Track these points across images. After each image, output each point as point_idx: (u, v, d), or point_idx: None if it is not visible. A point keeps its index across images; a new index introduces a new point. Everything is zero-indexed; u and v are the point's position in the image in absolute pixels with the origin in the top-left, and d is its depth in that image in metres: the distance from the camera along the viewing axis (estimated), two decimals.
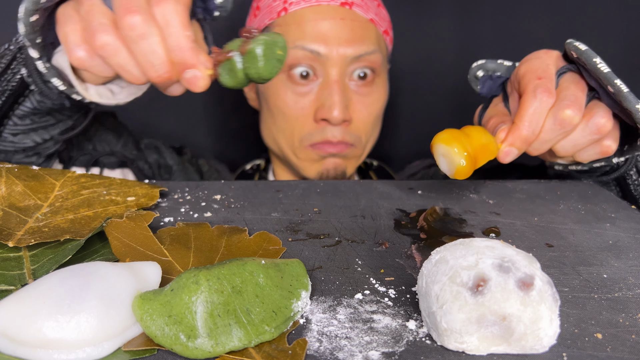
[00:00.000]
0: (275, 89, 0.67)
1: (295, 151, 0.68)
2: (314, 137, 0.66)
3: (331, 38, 0.64)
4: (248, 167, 0.82)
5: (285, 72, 0.66)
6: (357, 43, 0.65)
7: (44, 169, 0.47)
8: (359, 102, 0.67)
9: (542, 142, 0.44)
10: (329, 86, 0.64)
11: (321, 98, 0.65)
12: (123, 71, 0.40)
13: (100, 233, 0.38)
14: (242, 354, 0.27)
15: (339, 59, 0.64)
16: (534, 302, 0.26)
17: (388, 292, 0.33)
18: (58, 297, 0.27)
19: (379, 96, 0.69)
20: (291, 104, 0.66)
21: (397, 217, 0.44)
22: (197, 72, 0.39)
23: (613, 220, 0.44)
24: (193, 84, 0.39)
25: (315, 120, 0.65)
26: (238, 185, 0.50)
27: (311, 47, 0.64)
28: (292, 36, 0.65)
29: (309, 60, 0.64)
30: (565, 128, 0.43)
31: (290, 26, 0.66)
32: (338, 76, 0.65)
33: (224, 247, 0.37)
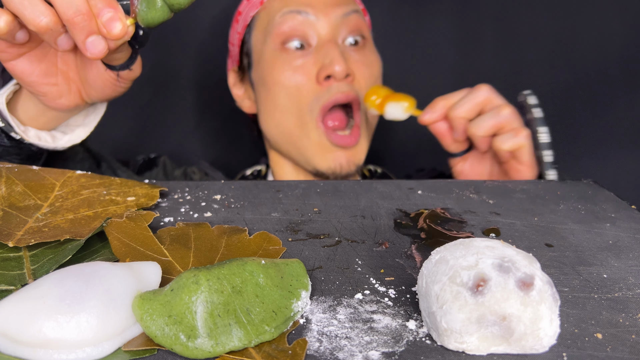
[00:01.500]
0: (272, 66, 0.67)
1: (306, 130, 0.66)
2: (322, 99, 0.65)
3: (317, 3, 0.65)
4: (248, 172, 0.82)
5: (278, 47, 0.66)
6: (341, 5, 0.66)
7: (44, 169, 0.47)
8: (357, 62, 0.67)
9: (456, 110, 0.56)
10: (324, 46, 0.65)
11: (319, 59, 0.65)
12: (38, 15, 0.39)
13: (100, 233, 0.38)
14: (242, 354, 0.27)
15: (328, 21, 0.65)
16: (534, 302, 0.26)
17: (388, 292, 0.33)
18: (58, 297, 0.27)
19: (374, 59, 0.70)
20: (290, 73, 0.65)
21: (397, 217, 0.44)
22: (113, 13, 0.39)
23: (613, 220, 0.44)
24: (111, 24, 0.39)
25: (319, 82, 0.65)
26: (238, 185, 0.50)
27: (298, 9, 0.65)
28: (277, 8, 0.66)
29: (300, 29, 0.65)
30: (475, 93, 0.55)
31: (274, 3, 0.67)
32: (330, 36, 0.66)
33: (224, 247, 0.37)
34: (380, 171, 0.84)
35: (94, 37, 0.40)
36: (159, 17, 0.40)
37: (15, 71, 0.45)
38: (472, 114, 0.56)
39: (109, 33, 0.39)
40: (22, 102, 0.51)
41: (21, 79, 0.46)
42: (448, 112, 0.57)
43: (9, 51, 0.44)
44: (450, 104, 0.57)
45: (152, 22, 0.40)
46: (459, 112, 0.56)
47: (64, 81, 0.48)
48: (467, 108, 0.56)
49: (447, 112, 0.57)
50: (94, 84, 0.48)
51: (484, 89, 0.56)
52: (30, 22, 0.39)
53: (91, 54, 0.40)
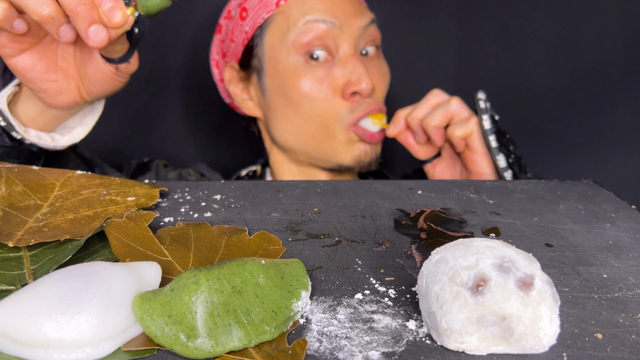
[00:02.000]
0: (295, 76, 0.66)
1: (334, 133, 0.67)
2: (354, 113, 0.66)
3: (339, 12, 0.65)
4: (243, 173, 0.81)
5: (302, 56, 0.65)
6: (361, 16, 0.67)
7: (44, 169, 0.47)
8: (375, 75, 0.68)
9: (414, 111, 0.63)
10: (348, 61, 0.65)
11: (345, 74, 0.65)
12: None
13: (100, 233, 0.38)
14: (242, 354, 0.27)
15: (351, 32, 0.65)
16: (534, 302, 0.26)
17: (388, 292, 0.33)
18: (58, 297, 0.27)
19: (386, 70, 0.71)
20: (316, 86, 0.65)
21: (397, 217, 0.44)
22: (114, 3, 0.41)
23: (613, 220, 0.44)
24: (112, 13, 0.41)
25: (345, 97, 0.65)
26: (238, 185, 0.50)
27: (323, 18, 0.64)
28: (299, 15, 0.65)
29: (323, 38, 0.64)
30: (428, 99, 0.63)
31: (293, 8, 0.66)
32: (353, 49, 0.66)
33: (224, 247, 0.37)
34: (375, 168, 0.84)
35: (95, 26, 0.41)
36: (158, 4, 0.42)
37: (17, 67, 0.46)
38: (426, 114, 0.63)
39: (110, 21, 0.41)
40: (22, 103, 0.51)
41: (23, 75, 0.47)
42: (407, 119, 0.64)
43: (11, 46, 0.45)
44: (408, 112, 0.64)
45: (152, 10, 0.42)
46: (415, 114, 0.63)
47: (64, 78, 0.48)
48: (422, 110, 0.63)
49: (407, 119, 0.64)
50: (94, 78, 0.49)
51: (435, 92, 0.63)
52: (33, 12, 0.40)
53: (93, 42, 0.41)
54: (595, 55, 0.89)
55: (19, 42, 0.45)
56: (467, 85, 0.91)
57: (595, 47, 0.90)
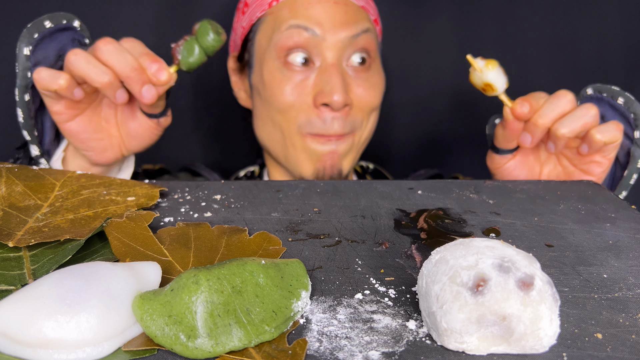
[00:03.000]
0: (272, 79, 0.65)
1: (293, 140, 0.66)
2: (314, 127, 0.64)
3: (326, 21, 0.63)
4: (242, 173, 0.82)
5: (281, 60, 0.65)
6: (351, 25, 0.64)
7: (44, 169, 0.47)
8: (358, 86, 0.65)
9: (545, 111, 0.53)
10: (327, 70, 0.63)
11: (320, 83, 0.63)
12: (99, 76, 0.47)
13: (100, 233, 0.38)
14: (242, 354, 0.27)
15: (335, 42, 0.63)
16: (534, 302, 0.26)
17: (388, 292, 0.33)
18: (58, 297, 0.27)
19: (377, 81, 0.68)
20: (289, 91, 0.64)
21: (397, 217, 0.44)
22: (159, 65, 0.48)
23: (613, 220, 0.44)
24: (159, 73, 0.48)
25: (316, 106, 0.64)
26: (238, 185, 0.50)
27: (307, 25, 0.63)
28: (284, 18, 0.65)
29: (304, 44, 0.63)
30: (561, 100, 0.53)
31: (282, 11, 0.65)
32: (335, 59, 0.64)
33: (224, 247, 0.37)
34: (372, 167, 0.84)
35: (147, 86, 0.48)
36: (197, 61, 0.51)
37: (70, 130, 0.52)
38: (557, 118, 0.53)
39: (158, 81, 0.49)
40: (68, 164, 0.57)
41: (75, 136, 0.53)
42: (532, 117, 0.54)
43: (67, 112, 0.51)
44: (537, 108, 0.53)
45: (192, 66, 0.51)
46: (546, 113, 0.53)
47: (108, 137, 0.55)
48: (553, 117, 0.53)
49: (533, 116, 0.54)
50: (136, 134, 0.55)
51: (569, 96, 0.53)
52: (95, 80, 0.47)
53: (146, 100, 0.49)
54: (595, 55, 0.90)
55: (74, 108, 0.51)
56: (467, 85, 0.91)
57: (595, 47, 0.90)
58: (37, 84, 0.48)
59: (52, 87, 0.48)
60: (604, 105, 0.57)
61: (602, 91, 0.58)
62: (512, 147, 0.57)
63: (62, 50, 0.53)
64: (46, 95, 0.50)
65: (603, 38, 0.89)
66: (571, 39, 0.89)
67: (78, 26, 0.55)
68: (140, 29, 0.84)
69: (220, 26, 0.51)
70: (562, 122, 0.53)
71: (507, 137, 0.55)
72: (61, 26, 0.54)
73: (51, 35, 0.53)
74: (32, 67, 0.51)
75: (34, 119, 0.53)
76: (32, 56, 0.51)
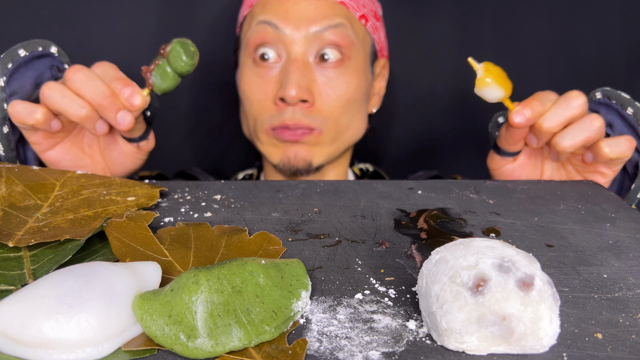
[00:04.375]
0: (242, 75, 0.67)
1: (258, 135, 0.67)
2: (273, 120, 0.64)
3: (292, 16, 0.63)
4: (240, 176, 0.82)
5: (251, 57, 0.65)
6: (320, 20, 0.63)
7: (44, 169, 0.47)
8: (325, 84, 0.64)
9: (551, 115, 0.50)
10: (288, 65, 0.63)
11: (280, 79, 0.64)
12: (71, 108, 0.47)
13: (100, 233, 0.38)
14: (242, 354, 0.27)
15: (300, 37, 0.63)
16: (534, 302, 0.26)
17: (388, 292, 0.33)
18: (58, 297, 0.27)
19: (349, 79, 0.65)
20: (254, 87, 0.65)
21: (397, 217, 0.44)
22: (132, 89, 0.47)
23: (613, 220, 0.44)
24: (132, 98, 0.47)
25: (275, 102, 0.64)
26: (238, 185, 0.50)
27: (272, 20, 0.63)
28: (256, 15, 0.65)
29: (270, 41, 0.64)
30: (571, 103, 0.50)
31: (256, 8, 0.66)
32: (299, 55, 0.63)
33: (224, 247, 0.37)
34: (372, 170, 0.84)
35: (122, 112, 0.47)
36: (171, 84, 0.49)
37: (50, 159, 0.52)
38: (562, 127, 0.51)
39: (132, 106, 0.47)
40: None
41: (56, 165, 0.52)
42: (538, 121, 0.51)
43: (45, 142, 0.50)
44: (542, 112, 0.50)
45: (166, 90, 0.49)
46: (550, 120, 0.50)
47: (92, 163, 0.54)
48: (559, 122, 0.50)
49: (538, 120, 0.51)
50: (118, 159, 0.54)
51: (580, 100, 0.50)
52: (73, 115, 0.46)
53: (122, 126, 0.47)
54: (595, 55, 0.90)
55: (52, 138, 0.50)
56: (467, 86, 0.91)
57: (595, 47, 0.90)
58: (13, 118, 0.47)
59: (29, 122, 0.46)
60: (613, 112, 0.55)
61: (611, 97, 0.55)
62: (515, 150, 0.55)
63: (39, 78, 0.52)
64: (23, 128, 0.48)
65: (603, 38, 0.89)
66: (571, 39, 0.89)
67: (55, 52, 0.53)
68: (140, 29, 0.84)
69: (193, 43, 0.49)
70: (563, 135, 0.50)
71: (510, 140, 0.53)
72: (37, 53, 0.52)
73: (27, 63, 0.51)
74: (8, 98, 0.49)
75: (14, 150, 0.52)
76: (7, 87, 0.49)
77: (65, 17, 0.80)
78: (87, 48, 0.80)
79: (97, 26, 0.82)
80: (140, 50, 0.84)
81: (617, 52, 0.90)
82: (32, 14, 0.80)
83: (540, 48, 0.90)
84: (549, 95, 0.52)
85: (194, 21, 0.86)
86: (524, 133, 0.52)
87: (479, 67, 0.51)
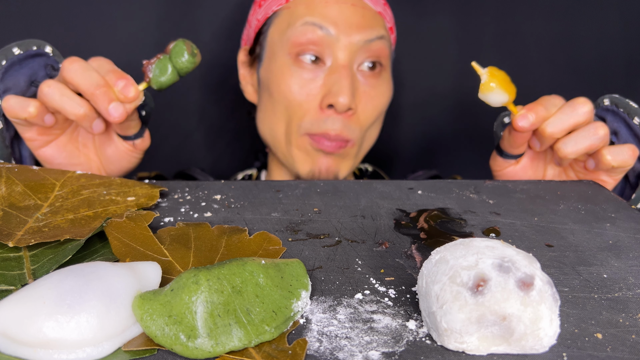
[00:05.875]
0: (281, 74, 0.65)
1: (291, 139, 0.66)
2: (314, 126, 0.64)
3: (341, 21, 0.63)
4: (240, 177, 0.81)
5: (292, 56, 0.64)
6: (366, 29, 0.64)
7: (44, 169, 0.47)
8: (365, 94, 0.65)
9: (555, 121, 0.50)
10: (337, 71, 0.62)
11: (328, 84, 0.63)
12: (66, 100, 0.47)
13: (100, 233, 0.38)
14: (242, 354, 0.27)
15: (349, 43, 0.63)
16: (534, 302, 0.26)
17: (388, 292, 0.33)
18: (58, 297, 0.27)
19: (384, 90, 0.67)
20: (297, 89, 0.64)
21: (397, 217, 0.44)
22: (126, 81, 0.47)
23: (613, 220, 0.44)
24: (126, 90, 0.47)
25: (321, 108, 0.63)
26: (238, 185, 0.50)
27: (322, 23, 0.62)
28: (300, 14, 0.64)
29: (317, 42, 0.63)
30: (576, 110, 0.49)
31: (299, 7, 0.65)
32: (347, 61, 0.63)
33: (224, 247, 0.37)
34: (371, 169, 0.84)
35: (114, 104, 0.46)
36: (168, 80, 0.49)
37: (45, 156, 0.51)
38: (566, 133, 0.51)
39: (125, 97, 0.47)
40: None
41: (50, 162, 0.52)
42: (541, 125, 0.51)
43: (40, 139, 0.50)
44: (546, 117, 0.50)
45: (164, 85, 0.49)
46: (554, 125, 0.50)
47: (87, 161, 0.54)
48: (563, 128, 0.50)
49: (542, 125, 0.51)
50: (113, 157, 0.54)
51: (587, 107, 0.49)
52: (71, 113, 0.46)
53: (113, 117, 0.46)
54: (595, 55, 0.90)
55: (46, 134, 0.50)
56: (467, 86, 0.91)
57: (595, 48, 0.90)
58: (6, 112, 0.47)
59: (22, 116, 0.47)
60: (619, 120, 0.55)
61: (619, 105, 0.55)
62: (518, 152, 0.55)
63: (33, 76, 0.52)
64: (17, 122, 0.49)
65: (603, 38, 0.89)
66: (571, 39, 0.89)
67: (50, 52, 0.54)
68: (140, 29, 0.84)
69: (196, 46, 0.50)
70: (566, 141, 0.50)
71: (513, 143, 0.53)
72: (31, 52, 0.53)
73: (21, 62, 0.52)
74: (1, 94, 0.50)
75: (9, 147, 0.52)
76: (0, 83, 0.50)
77: (65, 17, 0.80)
78: (87, 48, 0.80)
79: (97, 26, 0.82)
80: (140, 50, 0.84)
81: (617, 52, 0.90)
82: (32, 14, 0.80)
83: (540, 48, 0.90)
84: (555, 100, 0.51)
85: (194, 21, 0.86)
86: (527, 137, 0.52)
87: (484, 72, 0.50)
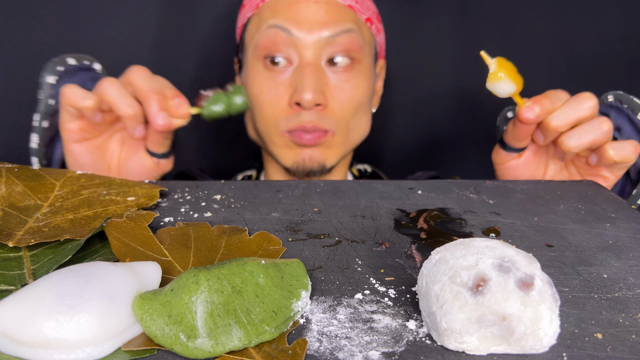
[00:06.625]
0: (252, 78, 0.67)
1: (272, 137, 0.67)
2: (290, 122, 0.65)
3: (303, 20, 0.63)
4: (239, 177, 0.82)
5: (261, 60, 0.66)
6: (330, 25, 0.64)
7: (44, 169, 0.47)
8: (336, 87, 0.65)
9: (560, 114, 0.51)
10: (301, 69, 0.63)
11: (294, 83, 0.64)
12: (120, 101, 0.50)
13: (100, 233, 0.38)
14: (242, 354, 0.27)
15: (313, 41, 0.63)
16: (534, 302, 0.26)
17: (388, 292, 0.33)
18: (58, 297, 0.27)
19: (359, 82, 0.67)
20: (266, 90, 0.65)
21: (397, 217, 0.44)
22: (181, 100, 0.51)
23: (613, 220, 0.44)
24: (179, 106, 0.50)
25: (290, 106, 0.65)
26: (238, 185, 0.50)
27: (283, 25, 0.64)
28: (265, 18, 0.65)
29: (281, 44, 0.64)
30: (581, 104, 0.50)
31: (264, 11, 0.66)
32: (312, 59, 0.64)
33: (224, 247, 0.37)
34: (370, 170, 0.84)
35: (164, 112, 0.50)
36: (218, 113, 0.53)
37: (73, 152, 0.54)
38: (570, 127, 0.51)
39: (176, 112, 0.50)
40: None
41: (76, 159, 0.54)
42: (546, 118, 0.51)
43: (78, 133, 0.53)
44: (552, 110, 0.51)
45: (212, 115, 0.53)
46: (558, 119, 0.50)
47: (107, 170, 0.56)
48: (568, 122, 0.50)
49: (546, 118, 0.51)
50: (134, 171, 0.56)
51: (592, 102, 0.50)
52: (122, 110, 0.50)
53: (158, 124, 0.49)
54: (595, 55, 0.90)
55: (86, 131, 0.53)
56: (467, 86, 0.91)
57: (595, 47, 0.90)
58: (65, 97, 0.50)
59: (79, 105, 0.49)
60: (623, 117, 0.55)
61: (623, 101, 0.55)
62: (521, 146, 0.55)
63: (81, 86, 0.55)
64: (67, 110, 0.51)
65: (603, 38, 0.89)
66: (571, 39, 0.89)
67: (99, 69, 0.60)
68: (140, 29, 0.84)
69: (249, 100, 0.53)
70: (570, 135, 0.50)
71: (517, 135, 0.53)
72: (84, 65, 0.58)
73: (74, 72, 0.57)
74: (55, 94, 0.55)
75: (46, 147, 0.54)
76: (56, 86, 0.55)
77: (65, 17, 0.80)
78: (87, 48, 0.80)
79: (97, 26, 0.82)
80: (140, 50, 0.84)
81: (617, 52, 0.90)
82: (32, 13, 0.80)
83: (541, 48, 0.90)
84: (560, 94, 0.52)
85: (193, 21, 0.86)
86: (531, 129, 0.52)
87: (492, 62, 0.50)
